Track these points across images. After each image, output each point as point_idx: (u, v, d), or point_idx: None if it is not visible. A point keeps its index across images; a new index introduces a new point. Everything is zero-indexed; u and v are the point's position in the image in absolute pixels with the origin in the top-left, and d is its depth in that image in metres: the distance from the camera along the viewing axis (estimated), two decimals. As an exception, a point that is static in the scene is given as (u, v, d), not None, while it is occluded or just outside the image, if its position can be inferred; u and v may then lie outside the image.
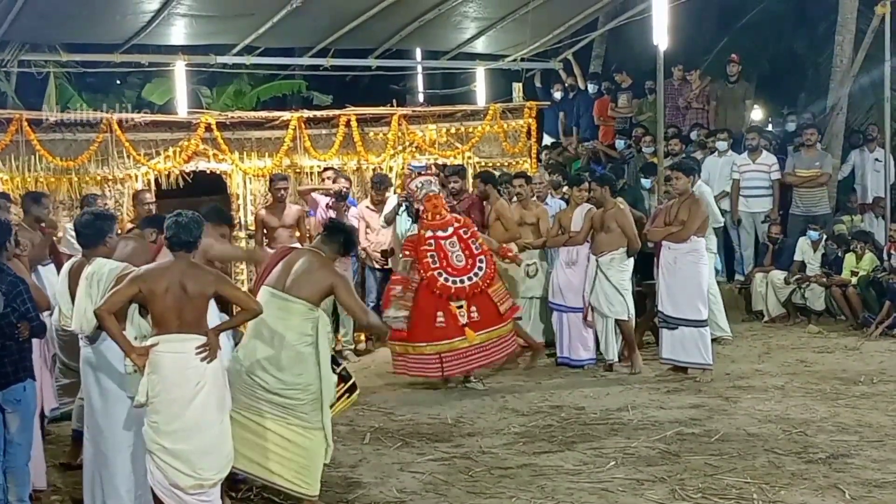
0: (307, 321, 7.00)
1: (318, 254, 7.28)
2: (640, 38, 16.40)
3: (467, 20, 16.34)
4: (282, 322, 6.92)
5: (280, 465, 6.98)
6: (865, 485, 7.32)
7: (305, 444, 6.99)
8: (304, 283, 7.05)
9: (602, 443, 8.60)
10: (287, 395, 6.93)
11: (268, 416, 6.95)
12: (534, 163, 14.66)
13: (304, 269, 7.12)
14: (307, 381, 6.96)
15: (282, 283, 7.07)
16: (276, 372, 6.92)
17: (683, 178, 10.94)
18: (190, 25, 14.58)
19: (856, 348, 12.32)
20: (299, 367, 6.94)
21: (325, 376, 7.02)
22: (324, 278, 7.08)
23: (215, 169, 12.88)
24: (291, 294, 6.99)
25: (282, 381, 6.92)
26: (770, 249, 14.60)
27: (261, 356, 6.94)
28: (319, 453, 7.05)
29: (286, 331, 6.94)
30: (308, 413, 6.98)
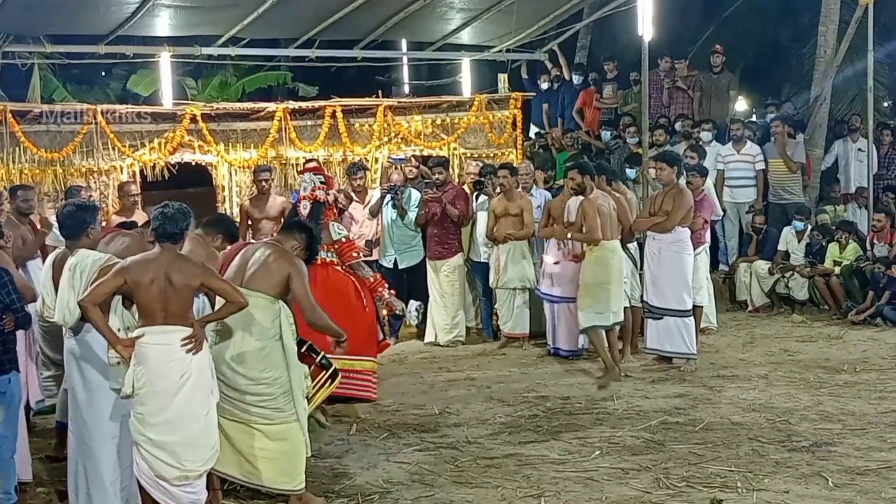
0: (268, 314, 6.92)
1: (275, 245, 7.22)
2: (625, 29, 16.47)
3: (453, 11, 16.32)
4: (243, 317, 6.79)
5: (261, 464, 6.96)
6: (848, 472, 7.38)
7: (283, 438, 6.97)
8: (262, 276, 6.97)
9: (587, 432, 8.63)
10: (255, 390, 6.89)
11: (241, 414, 6.93)
12: (519, 154, 14.67)
13: (260, 262, 7.05)
14: (275, 376, 6.91)
15: (239, 277, 6.99)
16: (241, 368, 6.87)
17: (668, 169, 10.95)
18: (175, 16, 14.54)
19: (839, 337, 12.40)
20: (264, 362, 6.88)
21: (293, 368, 6.98)
22: (281, 268, 6.99)
23: (200, 160, 12.89)
24: (250, 288, 6.87)
25: (247, 377, 6.88)
26: (754, 240, 14.66)
27: (225, 354, 6.87)
28: (299, 446, 7.03)
29: (248, 326, 6.86)
30: (282, 406, 6.95)
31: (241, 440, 6.96)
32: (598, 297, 10.48)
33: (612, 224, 10.66)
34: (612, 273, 10.58)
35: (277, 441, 6.97)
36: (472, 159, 14.01)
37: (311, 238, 7.41)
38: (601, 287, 10.48)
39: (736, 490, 7.10)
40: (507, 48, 17.69)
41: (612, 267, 10.58)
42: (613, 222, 10.69)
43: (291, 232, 7.40)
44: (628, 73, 17.10)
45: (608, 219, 10.59)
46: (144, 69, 17.98)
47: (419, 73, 19.95)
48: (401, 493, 7.36)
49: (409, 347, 12.54)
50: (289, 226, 7.64)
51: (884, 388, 9.83)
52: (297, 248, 7.27)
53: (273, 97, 16.52)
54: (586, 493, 7.16)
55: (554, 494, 7.16)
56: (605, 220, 10.54)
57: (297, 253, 7.23)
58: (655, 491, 7.17)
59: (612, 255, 10.61)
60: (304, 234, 7.39)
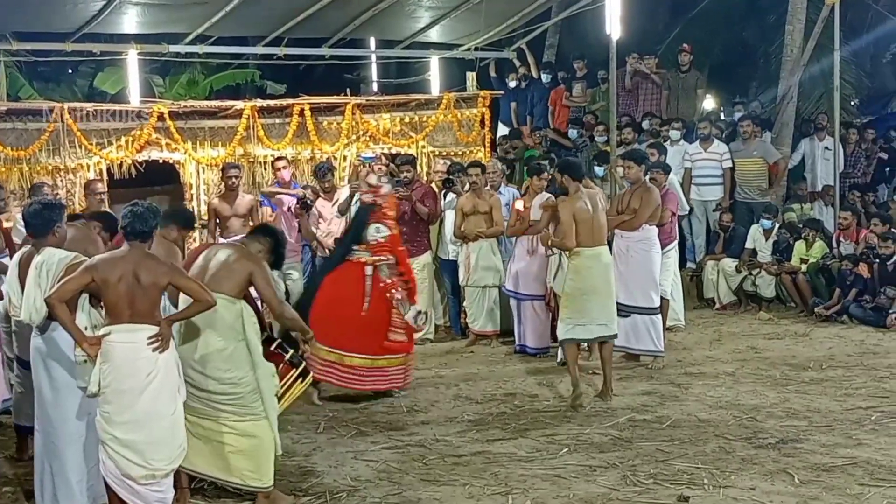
0: (230, 314, 6.91)
1: (238, 247, 7.23)
2: (593, 28, 16.51)
3: (421, 9, 16.32)
4: (206, 318, 6.78)
5: (230, 460, 6.95)
6: (814, 469, 7.43)
7: (252, 435, 6.96)
8: (223, 277, 6.96)
9: (555, 430, 8.66)
10: (220, 389, 6.88)
11: (211, 411, 6.92)
12: (488, 152, 14.68)
13: (222, 263, 7.03)
14: (239, 376, 6.90)
15: (201, 278, 6.95)
16: (205, 369, 6.86)
17: (635, 168, 10.99)
18: (142, 14, 14.46)
19: (805, 335, 12.49)
20: (228, 362, 6.87)
21: (258, 366, 6.97)
22: (242, 268, 6.99)
23: (168, 158, 12.81)
24: (211, 288, 6.80)
25: (212, 377, 6.86)
26: (721, 237, 14.74)
27: (189, 354, 6.86)
28: (268, 444, 7.02)
29: (211, 327, 6.85)
30: (250, 404, 6.94)
31: (211, 436, 6.95)
32: (579, 308, 9.56)
33: (596, 229, 9.60)
34: (594, 282, 9.56)
35: (247, 438, 6.96)
36: (441, 157, 14.02)
37: (276, 243, 7.41)
38: (581, 297, 9.55)
39: (703, 487, 7.14)
40: (476, 46, 17.70)
41: (592, 276, 9.55)
42: (597, 227, 9.61)
43: (257, 237, 7.42)
44: (597, 72, 17.15)
45: (590, 224, 9.53)
46: (112, 67, 17.87)
47: (388, 71, 19.93)
48: (369, 491, 7.35)
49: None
50: (255, 231, 7.65)
51: (849, 385, 9.91)
52: (262, 252, 7.27)
53: (241, 95, 16.44)
54: (554, 491, 7.18)
55: (522, 492, 7.17)
56: (584, 226, 9.51)
57: (261, 256, 7.23)
58: (623, 488, 7.19)
59: (591, 264, 9.58)
60: (269, 238, 7.40)
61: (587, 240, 9.51)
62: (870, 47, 20.10)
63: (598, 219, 9.62)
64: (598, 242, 9.63)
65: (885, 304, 12.81)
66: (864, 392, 9.65)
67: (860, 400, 9.34)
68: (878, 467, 7.42)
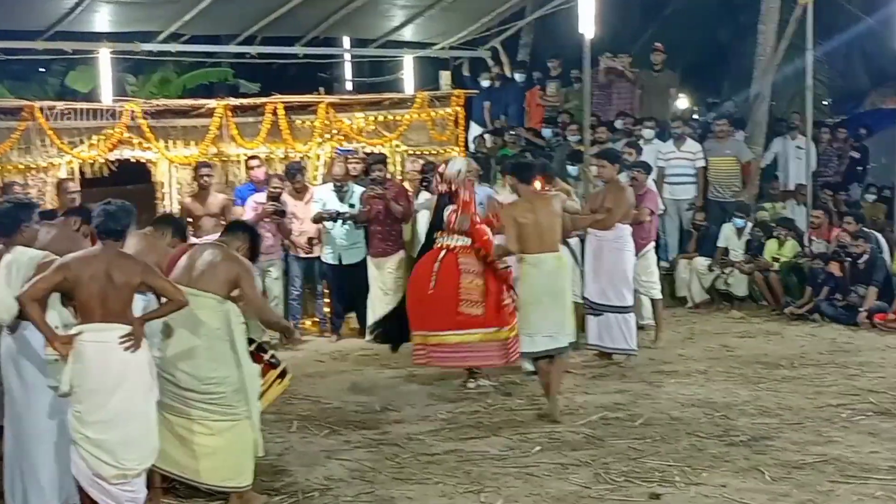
0: (217, 314, 6.91)
1: (222, 247, 7.20)
2: (567, 27, 16.49)
3: (395, 8, 16.29)
4: (192, 318, 6.78)
5: (206, 461, 6.93)
6: (785, 466, 7.48)
7: (233, 435, 6.95)
8: (210, 276, 6.95)
9: (528, 428, 8.68)
10: (204, 389, 6.86)
11: (189, 411, 6.89)
12: (461, 151, 14.67)
13: (208, 262, 7.02)
14: (224, 375, 6.89)
15: (187, 278, 6.95)
16: (190, 368, 6.84)
17: (609, 167, 11.04)
18: (114, 12, 14.36)
19: (777, 333, 12.57)
20: (213, 362, 6.87)
21: (244, 366, 6.96)
22: (229, 269, 6.99)
23: (140, 157, 12.74)
24: (198, 288, 6.86)
25: (196, 376, 6.85)
26: (694, 236, 14.81)
27: (174, 353, 6.85)
28: (249, 444, 7.02)
29: (197, 327, 6.84)
30: (233, 404, 6.94)
31: (187, 437, 6.92)
32: (524, 318, 9.23)
33: (543, 233, 9.07)
34: (536, 291, 9.07)
35: (227, 438, 6.94)
36: (415, 156, 14.00)
37: (253, 237, 7.43)
38: (525, 306, 9.22)
39: (674, 484, 7.17)
40: (450, 45, 17.68)
41: (534, 285, 9.08)
42: (544, 232, 9.07)
43: (235, 233, 7.41)
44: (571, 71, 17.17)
45: (532, 229, 9.02)
46: (83, 65, 17.73)
47: (361, 70, 19.87)
48: (341, 490, 7.35)
49: (351, 345, 12.50)
50: (232, 227, 7.64)
51: (821, 383, 9.97)
52: (241, 249, 7.27)
53: (214, 94, 16.36)
54: (526, 489, 7.20)
55: (494, 490, 7.19)
56: (526, 230, 9.02)
57: (242, 253, 7.23)
58: (595, 486, 7.22)
59: (534, 272, 9.08)
60: (246, 234, 7.41)
61: (531, 246, 9.03)
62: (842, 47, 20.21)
63: (544, 223, 9.05)
64: (545, 249, 9.05)
65: (856, 302, 12.89)
66: (835, 390, 9.71)
67: (831, 397, 9.40)
68: (849, 464, 7.47)
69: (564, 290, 9.20)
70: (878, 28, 18.52)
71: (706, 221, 14.75)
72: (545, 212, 9.12)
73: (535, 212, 9.07)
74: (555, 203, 9.29)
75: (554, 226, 9.16)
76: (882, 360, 10.93)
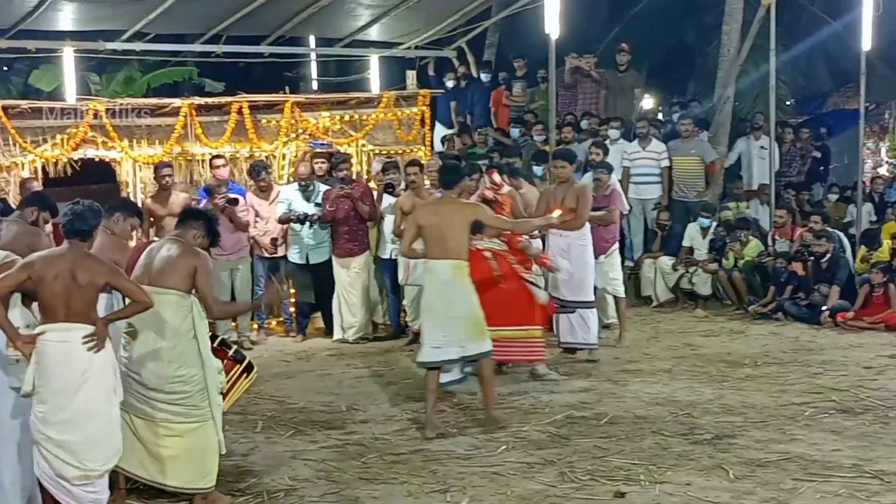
0: (181, 310, 6.87)
1: (178, 241, 7.12)
2: (533, 27, 16.55)
3: (361, 7, 16.28)
4: (155, 316, 6.72)
5: (171, 463, 6.89)
6: (749, 464, 7.51)
7: (198, 436, 6.92)
8: (169, 272, 6.89)
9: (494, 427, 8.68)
10: (170, 389, 6.82)
11: (154, 413, 6.85)
12: (428, 150, 14.68)
13: (166, 258, 6.96)
14: (190, 374, 6.85)
15: (147, 276, 6.89)
16: (156, 367, 6.80)
17: (569, 167, 11.09)
18: (78, 11, 14.29)
19: (741, 332, 12.66)
20: (179, 360, 6.82)
21: (207, 365, 6.93)
22: (187, 262, 6.92)
23: (104, 157, 12.68)
24: (160, 286, 6.80)
25: (162, 376, 6.80)
26: (659, 236, 14.88)
27: (139, 353, 6.81)
28: (213, 444, 6.98)
29: (161, 325, 6.79)
30: (198, 404, 6.90)
31: (152, 439, 6.88)
32: (421, 325, 9.03)
33: (443, 239, 8.56)
34: (428, 298, 8.74)
35: (193, 439, 6.91)
36: (381, 156, 13.99)
37: (209, 223, 7.28)
38: (422, 313, 9.10)
39: (639, 483, 7.19)
40: (416, 45, 17.69)
41: (427, 291, 8.79)
42: (445, 237, 8.55)
43: (189, 222, 7.27)
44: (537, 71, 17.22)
45: (433, 233, 8.62)
46: (47, 64, 17.65)
47: (327, 69, 19.85)
48: (307, 490, 7.33)
49: (317, 344, 12.50)
50: (184, 217, 7.45)
51: (784, 382, 10.04)
52: (198, 237, 7.18)
53: (179, 93, 16.31)
54: (492, 488, 7.20)
55: (460, 489, 7.18)
56: (427, 234, 8.67)
57: (199, 242, 7.16)
58: (560, 485, 7.23)
59: (428, 277, 8.78)
60: (201, 221, 7.26)
61: (430, 250, 8.66)
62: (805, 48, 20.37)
63: (447, 230, 8.54)
64: (443, 255, 8.57)
65: (819, 301, 13.00)
66: (798, 388, 9.77)
67: (794, 396, 9.46)
68: (812, 462, 7.52)
69: (456, 301, 8.54)
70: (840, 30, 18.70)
71: (670, 221, 14.83)
72: (452, 218, 8.58)
73: (441, 216, 8.63)
74: (466, 211, 8.74)
75: (459, 234, 8.56)
76: (844, 359, 11.02)
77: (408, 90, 15.48)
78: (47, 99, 14.83)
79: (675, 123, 15.88)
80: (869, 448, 7.82)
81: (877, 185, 17.43)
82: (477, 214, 8.82)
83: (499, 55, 19.91)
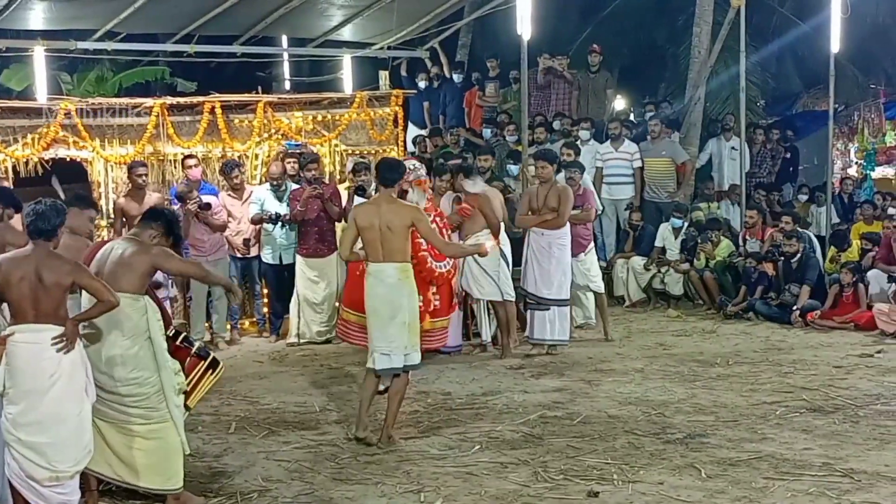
0: (135, 312, 6.79)
1: (132, 240, 7.05)
2: (505, 28, 16.59)
3: (333, 7, 16.25)
4: (109, 318, 6.65)
5: (138, 465, 6.86)
6: (720, 463, 7.56)
7: (159, 437, 6.88)
8: (122, 273, 6.81)
9: (467, 427, 8.70)
10: (126, 391, 6.77)
11: (116, 415, 6.81)
12: (401, 151, 14.67)
13: (118, 259, 6.88)
14: (145, 376, 6.80)
15: (100, 277, 6.76)
16: (111, 369, 6.75)
17: (550, 167, 11.18)
18: (49, 9, 14.18)
19: (713, 332, 12.74)
20: (133, 361, 6.77)
21: (162, 366, 6.87)
22: (141, 262, 6.84)
23: (76, 156, 12.59)
24: (112, 287, 6.64)
25: (116, 378, 6.75)
26: (631, 236, 14.94)
27: (95, 355, 6.73)
28: (175, 445, 6.95)
29: (115, 326, 6.73)
30: (155, 405, 6.85)
31: (117, 441, 6.85)
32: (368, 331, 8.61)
33: (383, 242, 8.24)
34: (372, 303, 8.38)
35: (154, 441, 6.87)
36: (354, 156, 13.96)
37: (168, 223, 7.19)
38: (367, 318, 8.58)
39: (612, 482, 7.23)
40: (389, 45, 17.68)
41: (371, 295, 8.38)
42: (386, 240, 8.22)
43: (147, 223, 7.16)
44: (510, 72, 17.25)
45: (372, 235, 8.25)
46: (17, 63, 17.54)
47: (300, 69, 19.84)
48: (280, 491, 7.32)
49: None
50: (144, 216, 7.34)
51: (755, 381, 10.11)
52: (156, 237, 7.09)
53: (151, 92, 16.25)
54: (466, 488, 7.22)
55: (434, 489, 7.20)
56: (366, 236, 8.31)
57: (157, 241, 7.08)
58: (534, 484, 7.25)
59: (371, 281, 8.37)
60: (160, 220, 7.17)
61: (372, 253, 8.31)
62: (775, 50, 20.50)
63: (387, 232, 8.21)
64: (387, 258, 8.24)
65: (789, 301, 13.09)
66: (769, 387, 9.85)
67: (765, 395, 9.53)
68: (783, 461, 7.58)
69: (403, 306, 8.23)
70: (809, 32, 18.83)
71: (642, 221, 14.89)
72: (392, 220, 8.20)
73: (381, 217, 8.22)
74: (405, 213, 8.29)
75: (401, 236, 8.22)
76: (815, 358, 11.10)
77: (381, 90, 15.47)
78: (18, 98, 14.73)
79: (647, 124, 15.96)
80: (839, 447, 7.90)
81: (846, 186, 17.61)
82: (415, 219, 8.30)
83: (471, 56, 19.96)
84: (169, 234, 7.18)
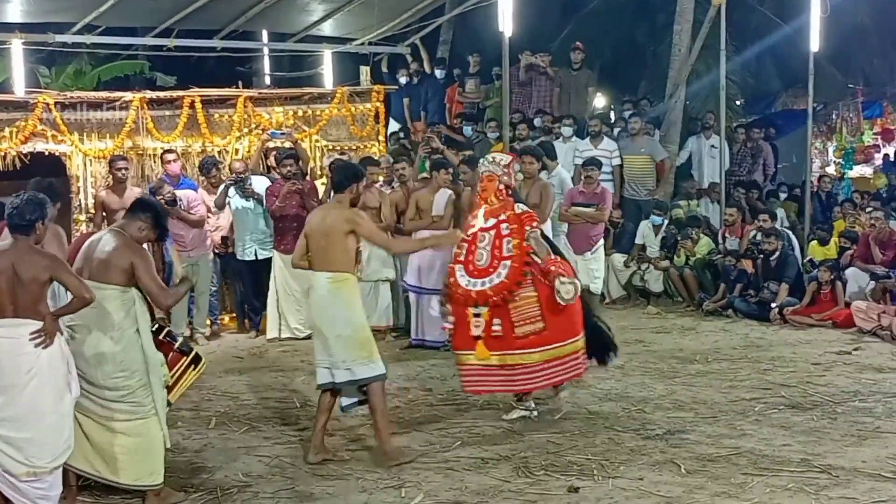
0: (122, 305, 6.76)
1: (118, 233, 6.97)
2: (486, 25, 16.60)
3: (314, 3, 16.26)
4: (97, 311, 6.62)
5: (118, 461, 6.83)
6: (700, 459, 7.58)
7: (141, 433, 6.85)
8: (108, 267, 6.76)
9: (448, 423, 8.70)
10: (113, 385, 6.74)
11: (99, 410, 6.78)
12: (382, 146, 14.65)
13: (104, 252, 6.82)
14: (132, 369, 6.77)
15: (87, 270, 6.77)
16: (98, 363, 6.72)
17: (536, 164, 11.19)
18: (27, 2, 14.15)
19: (692, 328, 12.77)
20: (121, 354, 6.74)
21: (149, 359, 6.85)
22: (124, 257, 6.76)
23: (54, 150, 12.53)
24: (99, 280, 6.68)
25: (105, 372, 6.72)
26: (611, 233, 14.95)
27: (82, 349, 6.70)
28: (157, 441, 6.92)
29: (103, 320, 6.69)
30: (141, 400, 6.82)
31: (98, 436, 6.82)
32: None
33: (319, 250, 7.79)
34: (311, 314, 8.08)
35: (135, 437, 6.84)
36: (335, 152, 13.94)
37: (156, 216, 7.13)
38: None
39: (592, 478, 7.24)
40: (369, 41, 17.67)
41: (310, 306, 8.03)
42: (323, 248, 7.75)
43: (135, 214, 7.10)
44: (491, 69, 17.26)
45: (312, 240, 7.84)
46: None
47: (280, 64, 19.79)
48: (261, 486, 7.31)
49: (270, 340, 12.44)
50: (132, 208, 7.24)
51: (734, 378, 10.14)
52: (144, 229, 7.03)
53: (130, 86, 16.17)
54: (447, 483, 7.22)
55: (414, 485, 7.19)
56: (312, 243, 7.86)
57: (144, 234, 7.03)
58: (515, 480, 7.26)
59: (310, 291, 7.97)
60: (148, 213, 7.10)
61: (313, 261, 7.87)
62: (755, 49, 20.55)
63: (321, 240, 7.75)
64: (322, 267, 7.76)
65: (768, 298, 13.14)
66: (748, 384, 9.88)
67: (744, 391, 9.56)
68: (761, 457, 7.60)
69: (336, 318, 7.69)
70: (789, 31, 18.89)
71: (622, 219, 14.93)
72: (332, 226, 7.72)
73: (322, 224, 7.78)
74: (342, 220, 7.73)
75: (337, 243, 7.69)
76: (793, 355, 11.15)
77: (362, 86, 15.45)
78: (-5, 92, 14.64)
79: (627, 122, 16.00)
80: (817, 443, 7.93)
81: (824, 184, 17.70)
82: (352, 225, 7.71)
83: (452, 52, 19.94)
84: (156, 227, 7.12)
